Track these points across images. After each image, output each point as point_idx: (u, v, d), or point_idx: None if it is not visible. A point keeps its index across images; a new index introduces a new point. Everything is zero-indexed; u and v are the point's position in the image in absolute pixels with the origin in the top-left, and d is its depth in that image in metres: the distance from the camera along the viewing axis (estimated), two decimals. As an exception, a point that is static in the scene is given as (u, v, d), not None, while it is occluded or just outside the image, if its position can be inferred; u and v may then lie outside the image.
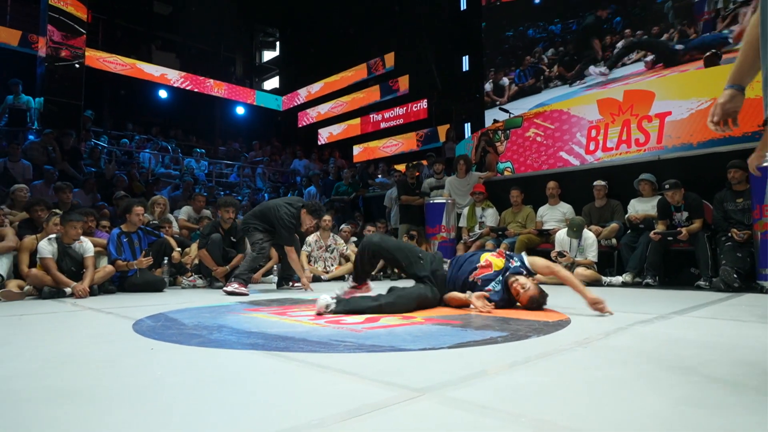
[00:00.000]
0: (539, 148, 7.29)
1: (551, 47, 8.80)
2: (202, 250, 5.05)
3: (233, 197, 5.82)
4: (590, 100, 6.81)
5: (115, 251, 4.53)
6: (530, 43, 9.07)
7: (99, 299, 3.91)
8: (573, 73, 8.39)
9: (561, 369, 1.49)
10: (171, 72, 15.03)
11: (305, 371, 1.47)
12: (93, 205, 6.90)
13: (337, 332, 2.13)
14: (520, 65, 9.18)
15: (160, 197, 6.37)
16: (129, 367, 1.56)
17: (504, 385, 1.29)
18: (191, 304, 3.42)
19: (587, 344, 1.83)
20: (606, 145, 6.52)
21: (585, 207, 5.63)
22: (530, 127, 7.46)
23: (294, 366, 1.53)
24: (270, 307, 3.21)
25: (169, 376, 1.43)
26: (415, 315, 2.67)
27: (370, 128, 14.66)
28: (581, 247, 4.97)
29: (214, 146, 14.44)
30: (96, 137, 11.26)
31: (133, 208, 4.72)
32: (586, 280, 4.77)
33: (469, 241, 6.14)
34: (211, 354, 1.73)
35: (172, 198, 8.63)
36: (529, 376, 1.39)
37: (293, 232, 4.62)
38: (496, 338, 1.94)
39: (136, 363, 1.62)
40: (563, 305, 3.07)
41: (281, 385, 1.33)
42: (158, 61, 15.50)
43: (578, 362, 1.58)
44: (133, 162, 10.85)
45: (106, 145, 11.10)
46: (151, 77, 14.53)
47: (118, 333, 2.23)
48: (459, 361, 1.59)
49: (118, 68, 13.70)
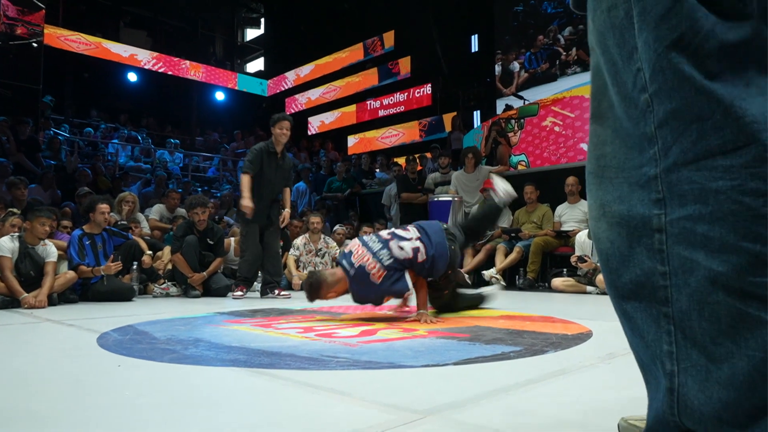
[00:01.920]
0: (557, 139, 7.30)
1: (569, 25, 8.26)
2: (176, 254, 5.05)
3: (202, 196, 5.81)
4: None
5: (77, 255, 4.52)
6: (544, 20, 8.54)
7: (59, 309, 3.90)
8: None
9: (582, 388, 1.49)
10: (141, 52, 15.01)
11: (293, 391, 1.47)
12: (52, 202, 6.90)
13: (329, 346, 2.13)
14: (531, 47, 8.69)
15: (129, 194, 6.37)
16: (93, 386, 1.56)
17: (518, 407, 1.29)
18: (164, 315, 3.42)
19: (611, 360, 1.84)
20: (632, 135, 6.53)
21: (609, 206, 5.64)
22: (547, 115, 7.48)
23: (280, 385, 1.53)
24: (253, 318, 3.21)
25: (139, 397, 1.42)
26: (417, 328, 2.67)
27: (366, 116, 14.65)
28: (605, 251, 4.97)
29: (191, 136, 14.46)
30: (56, 126, 11.25)
31: (98, 207, 4.70)
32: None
33: (478, 244, 6.15)
34: (186, 372, 1.73)
35: (142, 195, 8.63)
36: (546, 397, 1.39)
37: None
38: (509, 353, 1.94)
39: (101, 382, 1.61)
40: (583, 315, 3.07)
41: (265, 407, 1.33)
42: (127, 39, 15.48)
43: (601, 381, 1.58)
44: (98, 154, 10.84)
45: (67, 135, 11.09)
46: (118, 58, 14.50)
47: (80, 348, 2.22)
48: (466, 379, 1.59)
49: (81, 48, 13.67)
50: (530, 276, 5.58)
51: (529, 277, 5.57)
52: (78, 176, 8.21)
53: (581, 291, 4.96)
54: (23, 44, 9.96)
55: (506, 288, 5.65)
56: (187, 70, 15.80)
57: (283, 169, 5.04)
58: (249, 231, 4.91)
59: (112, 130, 12.56)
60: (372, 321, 2.98)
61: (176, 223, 6.22)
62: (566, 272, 5.25)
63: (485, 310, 3.54)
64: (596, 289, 4.87)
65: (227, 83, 16.88)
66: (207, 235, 5.20)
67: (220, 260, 5.20)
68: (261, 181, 4.86)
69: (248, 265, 4.91)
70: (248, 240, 4.91)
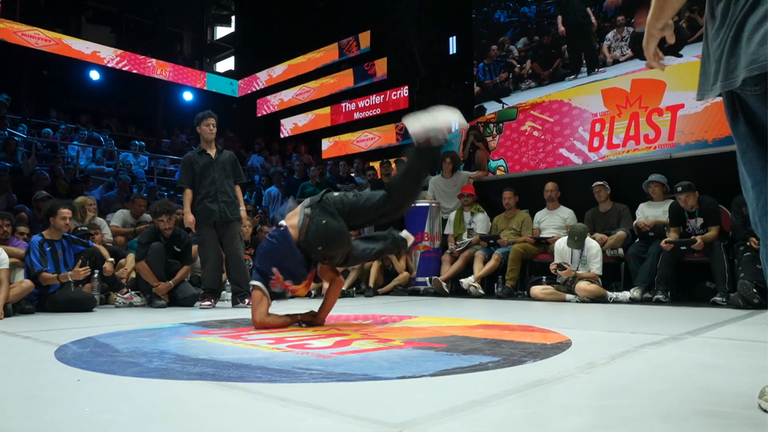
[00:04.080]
0: (536, 144, 7.42)
1: (523, 36, 7.94)
2: (140, 262, 4.97)
3: (168, 201, 5.72)
4: (594, 89, 6.97)
5: (39, 262, 4.43)
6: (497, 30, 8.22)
7: (14, 320, 3.81)
8: (550, 72, 7.55)
9: (560, 399, 1.51)
10: (104, 49, 14.73)
11: (264, 405, 1.46)
12: (8, 207, 6.73)
13: (302, 358, 2.12)
14: (485, 57, 8.39)
15: (90, 198, 6.25)
16: (51, 401, 1.53)
17: (495, 419, 1.30)
18: (127, 326, 3.36)
19: (590, 370, 1.87)
20: (612, 141, 6.68)
21: (588, 212, 5.74)
22: (526, 119, 7.59)
23: (250, 399, 1.52)
24: (222, 329, 3.18)
25: (100, 413, 1.40)
26: (393, 338, 2.68)
27: (341, 119, 14.65)
28: (584, 258, 5.07)
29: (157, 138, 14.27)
30: (12, 126, 11.02)
31: (59, 211, 4.63)
32: (590, 296, 4.87)
33: (456, 251, 6.19)
34: (151, 386, 1.71)
35: (104, 199, 8.49)
36: (524, 408, 1.41)
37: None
38: (486, 364, 1.96)
39: (59, 397, 1.58)
40: (562, 324, 3.12)
41: (235, 423, 1.32)
42: (89, 36, 15.22)
43: (580, 391, 1.60)
44: (57, 156, 10.62)
45: (24, 136, 10.88)
46: (80, 55, 14.21)
47: (37, 361, 2.18)
48: (443, 391, 1.60)
49: (40, 44, 13.37)
50: (509, 284, 5.64)
51: (508, 284, 5.63)
52: (35, 179, 8.03)
53: (561, 299, 5.03)
54: (-23, 39, 9.72)
55: (484, 296, 5.70)
56: (154, 68, 15.57)
57: (223, 166, 4.97)
58: (206, 237, 4.86)
59: (73, 131, 12.31)
60: (347, 331, 2.98)
61: (140, 229, 6.13)
62: (545, 280, 5.31)
63: (462, 319, 3.57)
64: (575, 297, 4.94)
65: (195, 83, 16.69)
66: (174, 242, 5.13)
67: (186, 268, 5.13)
68: (203, 184, 4.85)
69: (210, 273, 4.86)
70: (207, 247, 4.87)
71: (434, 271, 6.24)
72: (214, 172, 4.88)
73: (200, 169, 4.88)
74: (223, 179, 4.91)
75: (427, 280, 6.19)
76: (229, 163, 5.03)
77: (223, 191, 4.87)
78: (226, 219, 4.83)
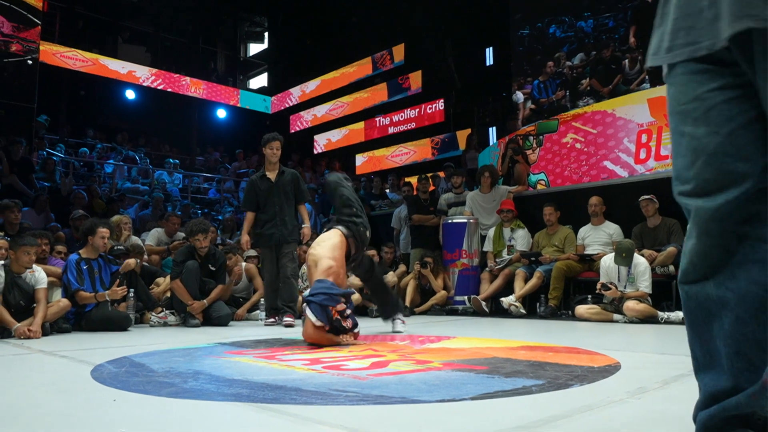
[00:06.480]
0: (579, 157, 7.31)
1: (580, 51, 7.81)
2: (175, 281, 5.07)
3: (204, 220, 5.83)
4: (640, 99, 6.85)
5: (76, 281, 4.56)
6: (553, 45, 8.11)
7: (51, 339, 3.92)
8: (610, 89, 7.44)
9: (611, 426, 1.47)
10: (140, 69, 15.27)
11: (299, 427, 1.47)
12: (45, 226, 6.97)
13: (338, 380, 2.13)
14: (540, 74, 8.29)
15: (125, 216, 6.43)
16: (87, 421, 1.56)
17: (540, 446, 1.28)
18: (161, 345, 3.42)
19: (642, 395, 1.82)
20: (660, 152, 6.54)
21: (635, 227, 5.60)
22: (568, 131, 7.50)
23: (285, 421, 1.53)
24: (256, 349, 3.21)
25: (136, 434, 1.42)
26: (432, 359, 2.66)
27: (375, 134, 14.75)
28: (631, 276, 4.94)
29: (191, 156, 14.59)
30: (51, 146, 11.41)
31: (98, 230, 4.76)
32: (639, 316, 4.74)
33: (495, 269, 6.12)
34: (186, 406, 1.73)
35: (139, 217, 8.70)
36: (571, 435, 1.38)
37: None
38: (530, 387, 1.92)
39: (95, 417, 1.61)
40: (610, 346, 3.04)
41: (270, 445, 1.33)
42: (125, 56, 15.77)
43: (632, 418, 1.56)
44: (93, 175, 10.96)
45: (62, 156, 11.23)
46: (116, 75, 14.76)
47: (74, 381, 2.23)
48: (485, 415, 1.57)
49: (78, 65, 13.94)
50: (552, 303, 5.53)
51: (551, 304, 5.52)
52: (73, 199, 8.30)
53: (608, 319, 4.91)
54: (18, 61, 10.19)
55: (526, 316, 5.61)
56: (188, 86, 16.04)
57: (284, 189, 5.18)
58: (265, 257, 5.23)
59: (109, 150, 12.70)
60: (383, 352, 2.97)
61: (174, 246, 6.25)
62: (591, 299, 5.20)
63: (503, 340, 3.52)
64: (623, 318, 4.82)
65: (229, 100, 17.10)
66: (209, 261, 5.22)
67: (221, 287, 5.21)
68: (265, 210, 5.12)
69: (266, 293, 5.21)
70: (264, 268, 5.26)
71: (473, 289, 6.17)
72: (274, 197, 5.13)
73: (263, 194, 5.16)
74: (283, 203, 5.15)
75: (465, 299, 6.13)
76: (290, 184, 5.25)
77: (282, 217, 5.11)
78: (284, 241, 5.09)
